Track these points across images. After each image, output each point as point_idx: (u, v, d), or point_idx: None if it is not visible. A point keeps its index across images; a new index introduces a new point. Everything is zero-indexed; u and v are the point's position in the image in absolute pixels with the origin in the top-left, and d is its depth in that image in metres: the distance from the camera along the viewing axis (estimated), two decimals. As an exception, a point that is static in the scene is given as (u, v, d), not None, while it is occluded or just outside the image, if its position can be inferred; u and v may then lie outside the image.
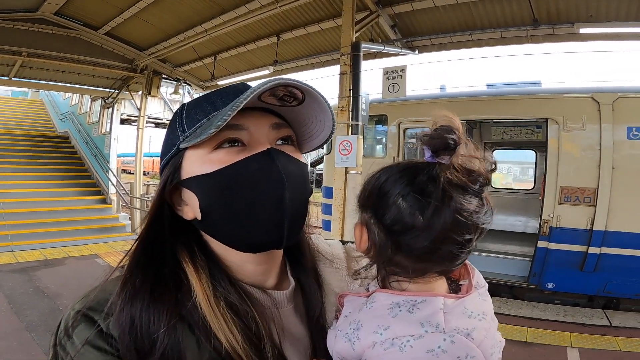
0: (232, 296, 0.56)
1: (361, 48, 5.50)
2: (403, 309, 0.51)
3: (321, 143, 0.63)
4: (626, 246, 4.48)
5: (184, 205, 0.60)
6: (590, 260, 4.60)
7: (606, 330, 4.14)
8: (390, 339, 0.49)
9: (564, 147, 4.69)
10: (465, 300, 0.52)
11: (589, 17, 5.27)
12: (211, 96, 0.60)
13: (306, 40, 7.71)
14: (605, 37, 5.61)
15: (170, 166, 0.59)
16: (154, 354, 0.49)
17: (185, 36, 8.02)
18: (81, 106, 12.47)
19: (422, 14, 6.33)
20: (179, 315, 0.52)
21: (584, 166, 4.62)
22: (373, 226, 0.54)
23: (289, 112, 0.60)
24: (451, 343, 0.47)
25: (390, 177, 0.53)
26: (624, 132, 4.44)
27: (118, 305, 0.51)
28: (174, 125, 0.59)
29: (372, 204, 0.54)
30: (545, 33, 5.80)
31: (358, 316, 0.54)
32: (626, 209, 4.46)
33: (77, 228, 8.12)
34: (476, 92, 6.12)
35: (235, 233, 0.56)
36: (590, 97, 4.60)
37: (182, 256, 0.57)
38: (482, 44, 6.39)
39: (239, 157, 0.55)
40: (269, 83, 0.50)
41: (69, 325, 0.52)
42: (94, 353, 0.50)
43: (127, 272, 0.55)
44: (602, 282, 4.64)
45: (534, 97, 5.15)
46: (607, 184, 4.48)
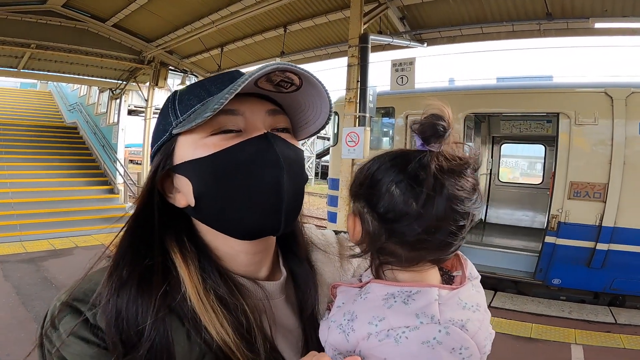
0: (221, 289, 0.55)
1: (369, 40, 5.45)
2: (398, 300, 0.50)
3: (317, 130, 0.62)
4: (635, 243, 4.42)
5: (175, 193, 0.58)
6: (597, 256, 4.55)
7: (611, 328, 4.10)
8: (385, 330, 0.48)
9: (574, 141, 4.62)
10: (459, 291, 0.51)
11: (604, 12, 5.17)
12: (205, 82, 0.58)
13: (313, 31, 7.67)
14: (621, 32, 5.50)
15: (162, 152, 0.57)
16: (141, 346, 0.48)
17: (192, 27, 8.00)
18: (89, 97, 12.54)
19: (431, 6, 6.25)
20: (167, 308, 0.51)
21: (594, 161, 4.55)
22: (366, 215, 0.54)
23: (285, 98, 0.58)
24: (446, 334, 0.47)
25: (382, 165, 0.53)
26: (636, 127, 4.36)
27: (104, 296, 0.50)
28: (166, 112, 0.58)
29: (365, 193, 0.54)
30: (558, 27, 5.70)
31: (352, 307, 0.53)
32: (636, 205, 4.40)
33: (85, 218, 8.18)
34: (485, 86, 6.04)
35: (231, 219, 0.55)
36: (603, 92, 4.52)
37: (171, 246, 0.56)
38: (493, 37, 6.30)
39: (234, 141, 0.53)
40: (266, 68, 0.49)
41: (54, 316, 0.51)
42: (80, 344, 0.49)
43: (114, 262, 0.53)
44: (609, 279, 4.59)
45: (546, 91, 5.07)
46: (617, 180, 4.41)
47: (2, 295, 4.43)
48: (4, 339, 3.44)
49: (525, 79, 5.67)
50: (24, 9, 7.64)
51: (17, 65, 9.16)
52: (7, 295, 4.44)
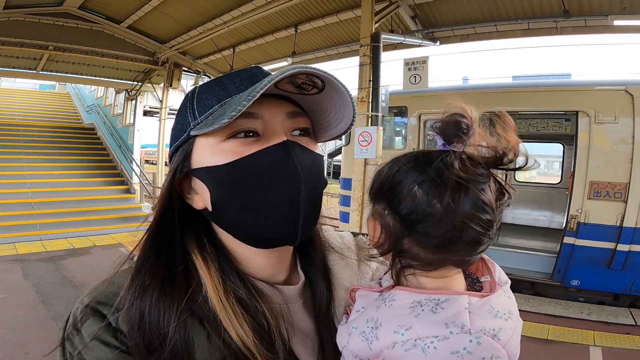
0: (241, 291, 0.54)
1: (381, 39, 5.42)
2: (426, 309, 0.49)
3: (338, 134, 0.60)
4: None
5: (193, 194, 0.57)
6: (618, 257, 4.43)
7: (631, 330, 4.01)
8: (412, 339, 0.47)
9: (594, 140, 4.49)
10: (490, 298, 0.50)
11: (622, 9, 5.05)
12: (224, 80, 0.56)
13: (324, 31, 7.66)
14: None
15: (180, 153, 0.56)
16: (164, 349, 0.48)
17: (205, 28, 8.08)
18: (106, 98, 12.79)
19: (443, 5, 6.18)
20: (189, 310, 0.51)
21: (615, 160, 4.42)
22: (388, 218, 0.52)
23: (306, 100, 0.57)
24: (477, 345, 0.45)
25: (402, 166, 0.52)
26: None
27: (127, 299, 0.50)
28: (184, 110, 0.56)
29: (386, 195, 0.53)
30: (576, 25, 5.58)
31: (376, 314, 0.52)
32: None
33: (102, 217, 8.32)
34: (501, 84, 5.94)
35: (247, 228, 0.54)
36: (624, 90, 4.39)
37: (192, 248, 0.55)
38: (508, 35, 6.20)
39: (252, 148, 0.52)
40: (289, 70, 0.48)
41: (77, 319, 0.51)
42: (102, 348, 0.49)
43: (137, 266, 0.53)
44: (630, 280, 4.48)
45: (564, 89, 4.95)
46: (639, 179, 4.30)
47: (22, 293, 4.53)
48: (23, 337, 3.49)
49: (543, 77, 5.55)
50: (41, 10, 7.79)
51: (35, 67, 9.39)
52: (27, 294, 4.54)
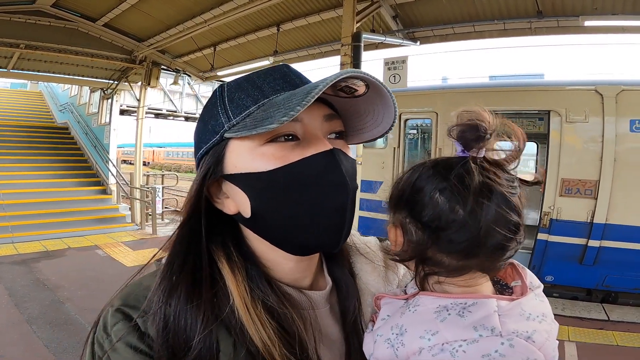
0: (270, 298, 0.53)
1: (362, 38, 5.51)
2: (452, 313, 0.48)
3: (373, 137, 0.59)
4: (626, 239, 4.49)
5: (224, 198, 0.56)
6: (589, 253, 4.62)
7: (603, 325, 4.18)
8: (439, 344, 0.46)
9: (565, 139, 4.68)
10: (521, 302, 0.49)
11: (594, 10, 5.24)
12: (255, 79, 0.54)
13: (307, 30, 7.69)
14: (611, 30, 5.57)
15: (212, 156, 0.54)
16: (190, 355, 0.48)
17: (185, 27, 8.00)
18: (80, 97, 12.48)
19: (423, 5, 6.31)
20: (216, 320, 0.50)
21: (585, 158, 4.61)
22: (409, 226, 0.52)
23: (341, 102, 0.55)
24: (510, 347, 0.44)
25: (422, 173, 0.52)
26: (627, 125, 4.44)
27: (155, 303, 0.50)
28: (215, 110, 0.54)
29: (406, 203, 0.53)
30: (549, 25, 5.78)
31: (401, 320, 0.52)
32: (627, 202, 4.47)
33: (77, 219, 8.15)
34: (478, 84, 6.15)
35: (289, 235, 0.53)
36: (594, 90, 4.59)
37: (218, 255, 0.54)
38: (485, 36, 6.37)
39: (294, 152, 0.50)
40: (343, 74, 0.46)
41: (107, 322, 0.51)
42: (128, 351, 0.48)
43: (164, 270, 0.52)
44: (601, 276, 4.67)
45: (537, 89, 5.14)
46: (608, 177, 4.48)
47: (-6, 297, 4.44)
48: (-3, 340, 3.43)
49: (518, 77, 5.74)
50: (13, 9, 7.58)
51: (6, 65, 9.10)
52: (0, 297, 4.44)
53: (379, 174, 5.89)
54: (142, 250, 6.89)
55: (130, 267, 5.90)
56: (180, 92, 15.05)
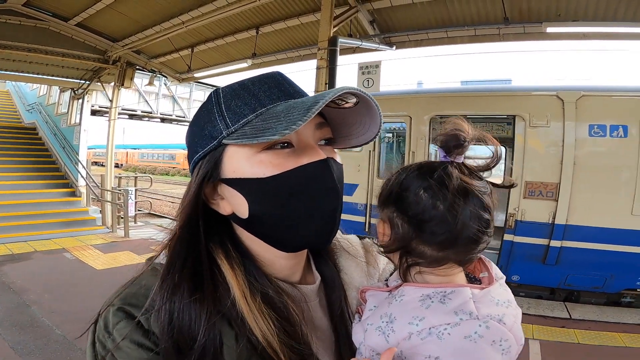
0: (269, 290, 0.59)
1: (338, 43, 5.74)
2: (435, 300, 0.56)
3: (359, 144, 0.66)
4: (585, 240, 4.84)
5: (219, 200, 0.61)
6: (552, 253, 4.95)
7: (565, 323, 4.44)
8: (426, 328, 0.54)
9: (529, 143, 5.02)
10: (490, 290, 0.58)
11: (557, 16, 5.62)
12: (250, 87, 0.59)
13: (286, 33, 7.90)
14: (572, 36, 5.95)
15: (209, 160, 0.59)
16: (195, 350, 0.52)
17: (162, 28, 8.11)
18: (49, 97, 12.39)
19: (400, 10, 6.61)
20: (218, 313, 0.55)
21: (547, 162, 4.95)
22: (396, 220, 0.60)
23: (332, 112, 0.62)
24: (486, 328, 0.52)
25: (409, 174, 0.60)
26: (586, 129, 4.79)
27: (158, 301, 0.54)
28: (212, 116, 0.59)
29: (394, 200, 0.61)
30: (516, 31, 6.15)
31: (389, 310, 0.59)
32: (586, 203, 4.81)
33: (44, 222, 8.10)
34: (450, 89, 6.46)
35: (284, 236, 0.59)
36: (555, 95, 4.95)
37: (217, 253, 0.59)
38: (457, 41, 6.72)
39: (289, 160, 0.56)
40: (340, 91, 0.53)
41: (108, 321, 0.54)
42: (133, 348, 0.52)
43: (166, 269, 0.57)
44: (563, 275, 5.00)
45: (504, 94, 5.50)
46: (568, 180, 4.83)
47: (-42, 300, 4.40)
48: (-38, 343, 3.44)
49: (487, 82, 6.11)
50: (-19, 8, 7.51)
51: (-27, 64, 9.05)
52: (-36, 300, 4.41)
53: (355, 176, 6.10)
54: (113, 253, 6.90)
55: (100, 270, 5.93)
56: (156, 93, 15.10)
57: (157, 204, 16.86)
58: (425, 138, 5.57)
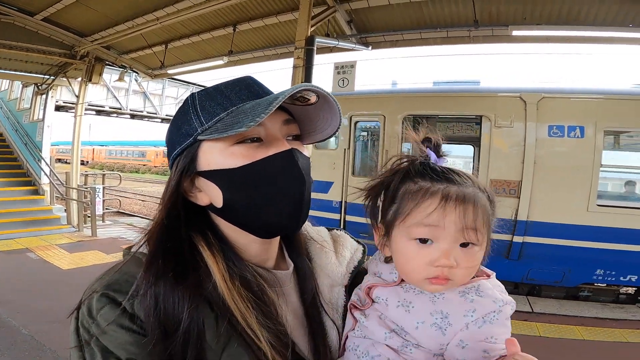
0: (247, 274, 0.66)
1: (315, 42, 5.91)
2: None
3: (323, 138, 0.74)
4: (545, 235, 5.24)
5: (196, 192, 0.68)
6: (514, 248, 5.33)
7: (528, 317, 4.71)
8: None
9: (494, 142, 5.42)
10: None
11: (523, 20, 6.01)
12: (223, 89, 0.67)
13: (263, 31, 8.02)
14: (536, 39, 6.35)
15: (186, 156, 0.66)
16: (178, 333, 0.57)
17: (135, 24, 8.07)
18: (11, 92, 12.11)
19: (377, 11, 6.86)
20: (201, 296, 0.60)
21: (510, 161, 5.35)
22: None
23: (297, 110, 0.70)
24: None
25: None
26: (545, 130, 5.22)
27: (143, 286, 0.58)
28: (187, 116, 0.66)
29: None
30: (485, 34, 6.53)
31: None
32: (545, 200, 5.22)
33: (5, 221, 7.97)
34: (423, 89, 6.80)
35: (256, 222, 0.66)
36: (519, 97, 5.36)
37: (198, 241, 0.66)
38: (430, 42, 7.05)
39: (258, 151, 0.64)
40: (299, 87, 0.61)
41: (92, 307, 0.58)
42: (120, 332, 0.56)
43: (150, 257, 0.62)
44: (525, 270, 5.37)
45: (472, 95, 5.89)
46: (529, 178, 5.23)
47: None
48: None
49: (457, 83, 6.44)
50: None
51: None
52: None
53: (330, 174, 6.35)
54: (80, 253, 6.82)
55: (67, 270, 5.90)
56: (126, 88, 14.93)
57: (126, 203, 16.67)
58: (399, 137, 5.85)
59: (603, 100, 5.20)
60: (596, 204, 5.13)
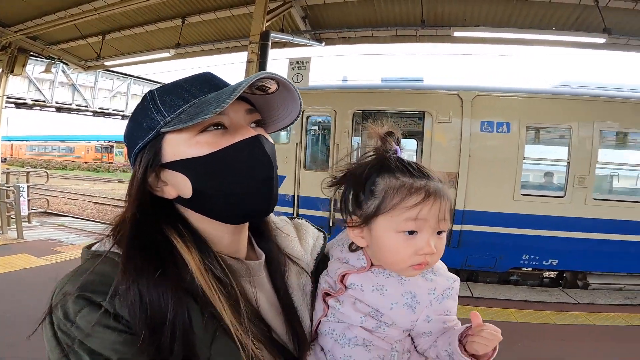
0: (217, 269, 0.69)
1: (270, 37, 6.28)
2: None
3: (285, 125, 0.81)
4: (479, 223, 6.02)
5: (163, 186, 0.72)
6: (454, 236, 6.03)
7: (469, 301, 5.14)
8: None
9: (435, 137, 6.18)
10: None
11: (463, 21, 6.76)
12: (183, 84, 0.72)
13: (215, 24, 8.19)
14: (475, 40, 7.14)
15: (149, 149, 0.69)
16: (165, 326, 0.60)
17: (68, 14, 7.89)
18: None
19: (331, 8, 7.35)
20: (183, 289, 0.64)
21: (449, 154, 6.12)
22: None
23: (258, 99, 0.76)
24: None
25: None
26: (478, 125, 6.06)
27: (124, 284, 0.60)
28: (148, 111, 0.70)
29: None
30: (430, 34, 7.28)
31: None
32: (479, 191, 6.03)
33: None
34: (372, 85, 7.34)
35: (228, 208, 0.71)
36: (456, 94, 6.14)
37: (171, 234, 0.69)
38: (380, 40, 7.72)
39: (224, 139, 0.69)
40: (259, 75, 0.66)
41: (68, 310, 0.59)
42: (107, 332, 0.58)
43: (127, 254, 0.64)
44: (464, 256, 6.05)
45: (416, 92, 6.61)
46: (465, 170, 6.03)
47: None
48: None
49: (403, 79, 7.01)
50: None
51: None
52: None
53: (282, 168, 6.73)
54: (6, 257, 6.29)
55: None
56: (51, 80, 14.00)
57: (54, 202, 15.83)
58: (349, 131, 6.34)
59: (526, 98, 6.19)
60: (520, 193, 6.04)
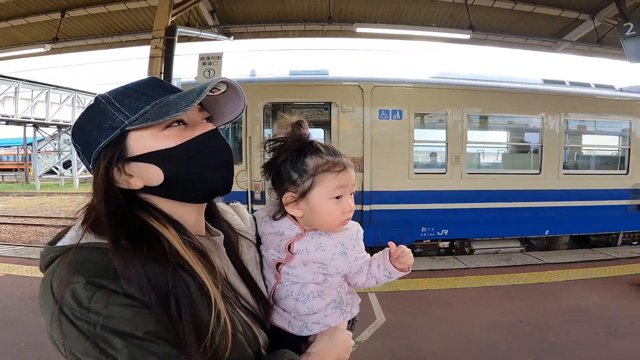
0: (193, 241, 0.87)
1: (177, 32, 6.58)
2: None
3: (231, 120, 1.01)
4: (384, 202, 7.25)
5: (127, 178, 0.87)
6: (365, 216, 7.20)
7: None
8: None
9: (341, 125, 7.30)
10: None
11: (364, 17, 7.64)
12: (136, 88, 0.87)
13: (105, 18, 8.24)
14: (374, 35, 8.08)
15: (113, 147, 0.84)
16: (170, 296, 0.73)
17: None
18: None
19: (240, 2, 7.80)
20: (176, 264, 0.78)
21: (354, 141, 7.26)
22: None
23: (208, 99, 0.93)
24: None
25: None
26: (377, 113, 7.28)
27: (122, 265, 0.72)
28: (107, 113, 0.83)
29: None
30: (335, 29, 8.12)
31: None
32: (381, 172, 7.26)
33: None
34: (280, 78, 8.16)
35: (197, 188, 0.90)
36: (358, 85, 7.21)
37: (146, 217, 0.85)
38: (289, 35, 8.42)
39: (187, 132, 0.88)
40: (216, 81, 0.84)
41: (80, 298, 0.69)
42: (126, 310, 0.69)
43: (114, 241, 0.75)
44: (375, 235, 7.02)
45: (323, 84, 7.62)
46: (369, 155, 7.24)
47: None
48: None
49: (310, 72, 7.70)
50: None
51: None
52: None
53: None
54: None
55: None
56: None
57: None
58: (260, 123, 6.98)
59: (412, 88, 7.53)
60: (414, 172, 7.40)
